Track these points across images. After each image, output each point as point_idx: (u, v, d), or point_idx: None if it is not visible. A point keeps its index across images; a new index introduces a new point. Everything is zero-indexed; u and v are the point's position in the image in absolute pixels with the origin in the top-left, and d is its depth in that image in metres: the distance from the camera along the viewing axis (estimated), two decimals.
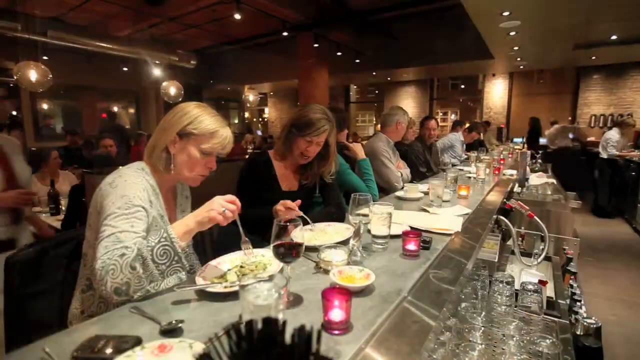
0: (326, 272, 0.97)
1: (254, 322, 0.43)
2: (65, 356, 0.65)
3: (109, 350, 0.65)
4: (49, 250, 1.20)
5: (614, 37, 6.40)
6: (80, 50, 7.37)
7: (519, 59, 7.54)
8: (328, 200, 1.77)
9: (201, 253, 1.68)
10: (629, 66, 8.20)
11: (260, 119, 16.09)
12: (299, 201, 1.35)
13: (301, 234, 0.88)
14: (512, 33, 5.42)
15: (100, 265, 0.89)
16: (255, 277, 0.71)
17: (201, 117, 1.11)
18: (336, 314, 0.71)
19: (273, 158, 1.69)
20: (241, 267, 1.02)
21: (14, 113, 8.51)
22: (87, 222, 1.08)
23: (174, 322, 0.74)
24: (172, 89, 6.67)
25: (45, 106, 8.60)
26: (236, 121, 14.69)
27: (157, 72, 7.78)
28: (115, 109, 10.07)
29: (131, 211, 0.98)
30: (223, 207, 0.96)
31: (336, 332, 0.71)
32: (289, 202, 1.33)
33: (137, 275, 0.88)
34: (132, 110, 10.53)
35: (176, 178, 1.19)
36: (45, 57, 6.91)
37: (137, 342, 0.69)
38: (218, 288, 0.88)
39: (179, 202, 1.28)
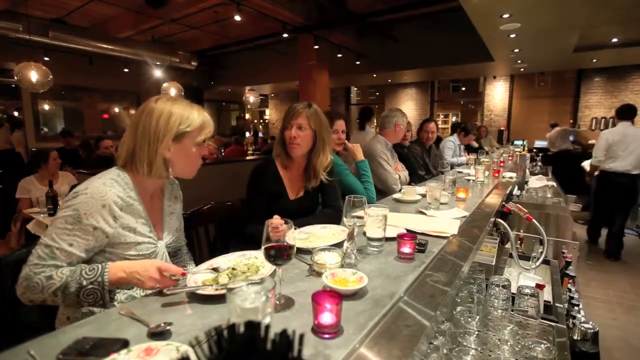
0: (319, 274, 0.96)
1: (236, 326, 0.43)
2: (50, 359, 0.64)
3: (94, 353, 0.64)
4: None
5: (615, 40, 6.39)
6: (82, 51, 7.40)
7: (519, 61, 7.53)
8: (325, 201, 1.76)
9: (197, 254, 1.67)
10: (631, 69, 8.18)
11: (261, 121, 16.12)
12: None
13: (293, 236, 0.87)
14: (512, 35, 5.41)
15: (25, 274, 0.92)
16: (246, 280, 0.70)
17: (186, 112, 1.10)
18: (326, 318, 0.70)
19: (280, 167, 1.68)
20: (233, 269, 1.01)
21: (16, 114, 8.56)
22: None
23: (162, 324, 0.73)
24: (172, 90, 6.68)
25: (46, 107, 8.63)
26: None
27: (158, 73, 7.81)
28: (117, 109, 10.10)
29: (75, 227, 0.97)
30: (156, 282, 0.92)
31: (326, 335, 0.70)
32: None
33: (54, 300, 0.94)
34: (132, 112, 10.56)
35: (169, 177, 1.17)
36: (46, 58, 6.95)
37: (124, 344, 0.68)
38: (209, 290, 0.87)
39: (166, 205, 1.25)
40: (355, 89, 13.23)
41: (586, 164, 5.35)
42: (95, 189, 1.01)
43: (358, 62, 8.35)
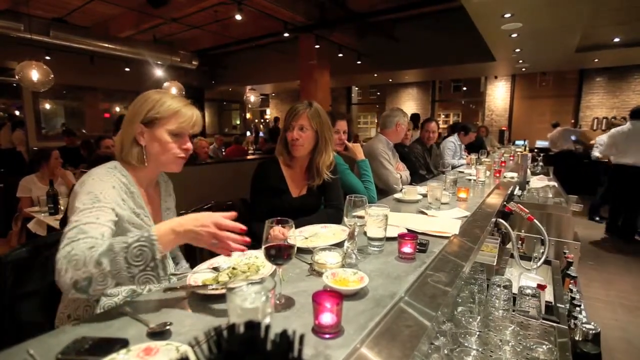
0: (320, 274, 0.96)
1: (236, 326, 0.42)
2: (49, 358, 0.64)
3: (94, 353, 0.64)
4: (42, 250, 1.19)
5: (616, 40, 6.38)
6: (83, 50, 7.40)
7: (520, 61, 7.51)
8: (327, 201, 1.76)
9: (197, 254, 1.67)
10: (632, 69, 8.16)
11: (262, 120, 16.13)
12: None
13: (294, 236, 0.87)
14: (514, 35, 5.40)
15: (62, 254, 0.82)
16: (246, 279, 0.70)
17: (161, 100, 1.10)
18: (327, 318, 0.70)
19: (282, 165, 1.69)
20: (233, 268, 1.00)
21: (17, 113, 8.57)
22: None
23: (162, 324, 0.73)
24: (173, 89, 6.68)
25: (47, 106, 8.64)
26: (238, 122, 14.72)
27: (159, 72, 7.82)
28: (118, 109, 10.12)
29: (96, 205, 0.94)
30: (214, 238, 0.85)
31: (327, 336, 0.70)
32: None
33: (101, 272, 0.79)
34: None
35: (155, 169, 1.17)
36: (47, 58, 6.96)
37: (124, 344, 0.68)
38: (209, 290, 0.87)
39: (163, 199, 1.26)
40: (357, 88, 13.22)
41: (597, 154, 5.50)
42: (98, 174, 1.03)
43: (359, 62, 8.34)
